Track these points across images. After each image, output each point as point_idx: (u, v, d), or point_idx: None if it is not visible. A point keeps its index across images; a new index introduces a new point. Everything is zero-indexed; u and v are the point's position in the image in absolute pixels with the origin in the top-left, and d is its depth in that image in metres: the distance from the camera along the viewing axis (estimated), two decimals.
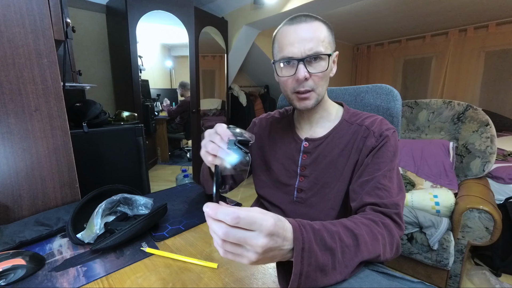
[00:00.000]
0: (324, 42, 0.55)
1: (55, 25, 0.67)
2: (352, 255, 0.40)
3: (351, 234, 0.42)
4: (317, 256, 0.36)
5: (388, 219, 0.49)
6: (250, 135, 0.45)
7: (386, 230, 0.47)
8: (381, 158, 0.55)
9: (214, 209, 0.31)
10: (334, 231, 0.40)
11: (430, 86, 4.03)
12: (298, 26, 0.55)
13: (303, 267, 0.34)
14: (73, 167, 0.74)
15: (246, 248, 0.31)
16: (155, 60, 2.52)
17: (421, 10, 2.97)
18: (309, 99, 0.58)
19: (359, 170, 0.57)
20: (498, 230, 1.17)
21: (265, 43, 3.15)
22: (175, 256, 0.49)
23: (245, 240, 0.31)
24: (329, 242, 0.38)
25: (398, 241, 0.48)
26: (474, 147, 1.56)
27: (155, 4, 2.02)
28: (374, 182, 0.53)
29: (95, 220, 0.55)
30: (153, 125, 2.40)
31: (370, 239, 0.43)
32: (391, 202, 0.50)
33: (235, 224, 0.30)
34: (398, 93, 0.71)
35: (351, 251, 0.40)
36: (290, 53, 0.55)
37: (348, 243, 0.40)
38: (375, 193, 0.52)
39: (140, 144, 1.17)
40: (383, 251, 0.44)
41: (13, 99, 0.62)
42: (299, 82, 0.56)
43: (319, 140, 0.63)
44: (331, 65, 0.58)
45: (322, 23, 0.57)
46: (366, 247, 0.41)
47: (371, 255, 0.42)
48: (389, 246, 0.46)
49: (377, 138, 0.57)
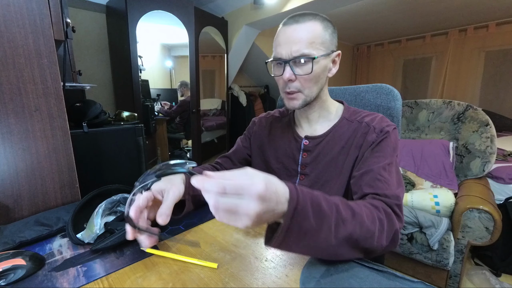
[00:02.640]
0: (315, 43, 0.55)
1: (55, 25, 0.67)
2: (347, 230, 0.39)
3: (350, 210, 0.41)
4: (309, 218, 0.35)
5: (389, 209, 0.48)
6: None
7: (387, 217, 0.46)
8: (381, 152, 0.55)
9: (201, 181, 0.32)
10: (332, 202, 0.39)
11: (430, 86, 4.03)
12: (289, 27, 0.56)
13: (292, 225, 0.34)
14: (73, 167, 0.74)
15: (239, 213, 0.31)
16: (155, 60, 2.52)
17: (421, 10, 2.97)
18: (296, 99, 0.59)
19: (359, 163, 0.57)
20: (498, 230, 1.17)
21: (265, 43, 3.15)
22: (175, 256, 0.49)
23: (236, 207, 0.31)
24: (325, 209, 0.37)
25: (397, 231, 0.47)
26: (474, 147, 1.55)
27: (155, 4, 2.02)
28: (374, 174, 0.52)
29: (95, 220, 0.55)
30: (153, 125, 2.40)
31: (368, 221, 0.42)
32: (391, 193, 0.50)
33: (223, 193, 0.31)
34: (398, 93, 0.71)
35: (346, 226, 0.39)
36: (279, 54, 0.57)
37: (345, 217, 0.39)
38: (375, 184, 0.51)
39: (140, 144, 1.17)
40: (378, 235, 0.43)
41: (13, 99, 0.62)
42: (286, 83, 0.58)
43: (319, 138, 0.63)
44: (320, 67, 0.57)
45: (318, 23, 0.56)
46: (362, 226, 0.41)
47: (363, 232, 0.41)
48: (387, 233, 0.45)
49: (378, 133, 0.57)
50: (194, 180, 0.33)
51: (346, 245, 0.40)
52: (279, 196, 0.33)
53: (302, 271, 0.43)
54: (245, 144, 0.78)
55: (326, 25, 0.57)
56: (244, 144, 0.78)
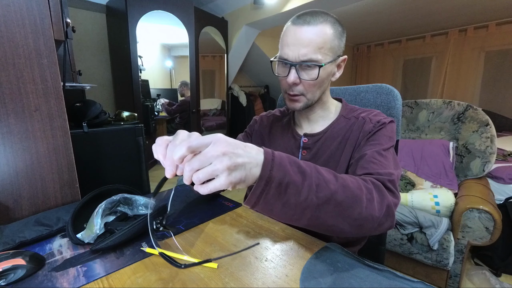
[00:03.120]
0: (323, 49, 0.53)
1: (55, 25, 0.67)
2: (328, 190, 0.37)
3: (333, 175, 0.40)
4: (288, 171, 0.35)
5: (379, 183, 0.46)
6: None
7: (376, 188, 0.44)
8: (376, 140, 0.55)
9: (170, 152, 0.35)
10: (311, 164, 0.39)
11: (430, 86, 4.03)
12: (300, 28, 0.54)
13: (271, 173, 0.34)
14: (73, 167, 0.74)
15: (213, 168, 0.32)
16: (155, 60, 2.52)
17: (421, 10, 2.97)
18: (298, 102, 0.59)
19: (355, 152, 0.57)
20: (498, 230, 1.17)
21: (265, 43, 3.15)
22: (175, 256, 0.49)
23: (206, 156, 0.32)
24: (304, 167, 0.37)
25: (389, 203, 0.44)
26: (474, 147, 1.55)
27: (155, 4, 2.02)
28: (367, 157, 0.52)
29: (95, 220, 0.55)
30: (153, 125, 2.40)
31: (353, 186, 0.40)
32: (384, 171, 0.48)
33: (191, 152, 0.32)
34: (398, 93, 0.71)
35: (329, 186, 0.38)
36: (285, 55, 0.55)
37: (328, 179, 0.38)
38: (369, 165, 0.50)
39: (140, 144, 1.17)
40: (367, 203, 0.41)
41: (13, 99, 0.62)
42: (289, 85, 0.57)
43: (317, 135, 0.63)
44: (326, 73, 0.56)
45: (328, 26, 0.54)
46: (346, 189, 0.39)
47: (348, 195, 0.39)
48: (378, 204, 0.42)
49: (374, 124, 0.57)
50: (158, 153, 0.37)
51: (330, 208, 0.38)
52: (248, 146, 0.34)
53: (302, 271, 0.43)
54: (246, 141, 0.78)
55: (336, 29, 0.55)
56: (245, 140, 0.78)
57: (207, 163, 0.32)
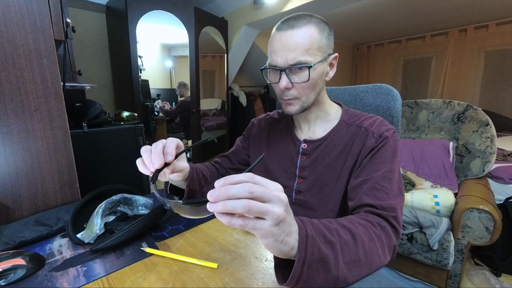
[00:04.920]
0: (311, 50, 0.53)
1: (55, 25, 0.67)
2: (351, 253, 0.39)
3: (349, 232, 0.41)
4: (320, 246, 0.34)
5: (385, 222, 0.48)
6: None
7: (384, 232, 0.46)
8: (379, 159, 0.54)
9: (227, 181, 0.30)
10: (332, 227, 0.39)
11: (430, 86, 4.03)
12: (284, 33, 0.54)
13: (306, 254, 0.33)
14: (73, 167, 0.74)
15: (269, 208, 0.29)
16: (155, 60, 2.52)
17: (421, 10, 2.97)
18: (293, 105, 0.59)
19: (358, 170, 0.56)
20: (498, 230, 1.17)
21: (265, 43, 3.14)
22: (175, 256, 0.49)
23: (270, 189, 0.30)
24: (329, 236, 0.37)
25: (395, 244, 0.47)
26: (474, 147, 1.56)
27: (155, 4, 2.02)
28: (372, 182, 0.52)
29: (95, 220, 0.55)
30: (153, 125, 2.40)
31: (367, 239, 0.42)
32: (388, 205, 0.49)
33: (254, 182, 0.30)
34: (398, 93, 0.71)
35: (350, 248, 0.39)
36: (274, 62, 0.55)
37: (347, 240, 0.39)
38: (373, 193, 0.51)
39: (140, 144, 1.17)
40: (381, 252, 0.43)
41: (13, 99, 0.62)
42: (283, 90, 0.57)
43: (318, 141, 0.63)
44: (317, 73, 0.56)
45: (313, 27, 0.54)
46: (364, 246, 0.41)
47: (367, 256, 0.41)
48: (387, 247, 0.45)
49: (377, 139, 0.56)
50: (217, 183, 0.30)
51: (354, 267, 0.39)
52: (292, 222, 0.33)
53: None
54: (244, 145, 0.78)
55: (322, 28, 0.55)
56: (243, 145, 0.78)
57: (266, 199, 0.29)
